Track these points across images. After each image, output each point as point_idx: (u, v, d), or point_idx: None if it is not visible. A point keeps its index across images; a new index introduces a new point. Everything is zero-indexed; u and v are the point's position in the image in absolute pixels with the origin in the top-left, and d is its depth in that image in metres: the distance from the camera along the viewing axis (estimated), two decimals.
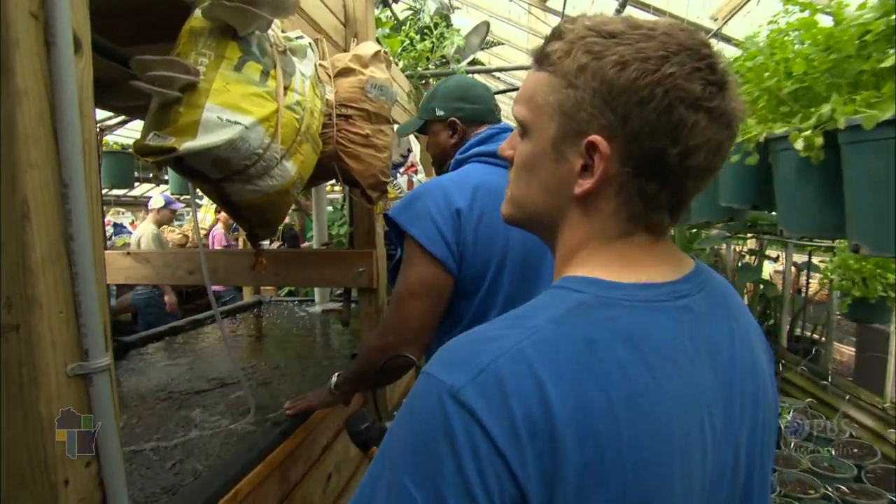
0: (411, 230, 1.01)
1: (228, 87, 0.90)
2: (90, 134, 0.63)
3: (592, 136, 0.44)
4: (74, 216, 0.59)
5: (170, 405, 1.48)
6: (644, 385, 0.41)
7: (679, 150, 0.43)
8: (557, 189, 0.48)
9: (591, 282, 0.45)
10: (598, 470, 0.39)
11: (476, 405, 0.38)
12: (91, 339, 0.61)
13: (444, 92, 1.21)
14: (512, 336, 0.41)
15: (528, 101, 0.49)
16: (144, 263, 2.07)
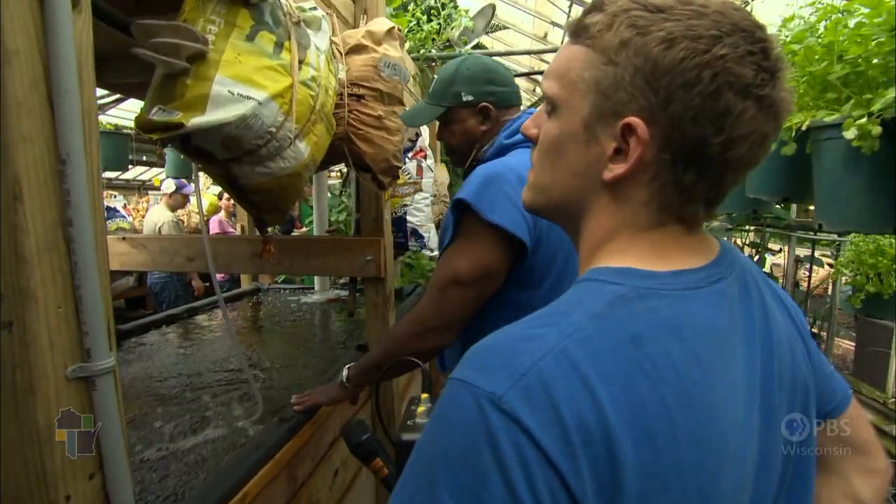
0: (492, 216, 0.91)
1: (240, 59, 0.82)
2: (90, 103, 0.55)
3: (630, 117, 0.41)
4: (73, 197, 0.52)
5: (171, 401, 1.41)
6: (694, 379, 0.40)
7: (722, 139, 0.40)
8: (585, 174, 0.45)
9: (625, 272, 0.43)
10: (659, 474, 0.37)
11: (521, 413, 0.35)
12: (93, 337, 0.54)
13: (467, 75, 1.10)
14: (551, 335, 0.39)
15: (560, 76, 0.46)
16: (141, 249, 1.98)
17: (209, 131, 0.79)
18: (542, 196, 0.50)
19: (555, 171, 0.47)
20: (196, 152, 0.87)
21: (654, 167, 0.42)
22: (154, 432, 1.24)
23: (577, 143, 0.45)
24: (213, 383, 1.54)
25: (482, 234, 0.94)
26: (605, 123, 0.43)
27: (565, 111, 0.45)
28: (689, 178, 0.42)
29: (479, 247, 0.94)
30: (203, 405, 1.39)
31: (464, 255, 0.95)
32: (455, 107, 1.11)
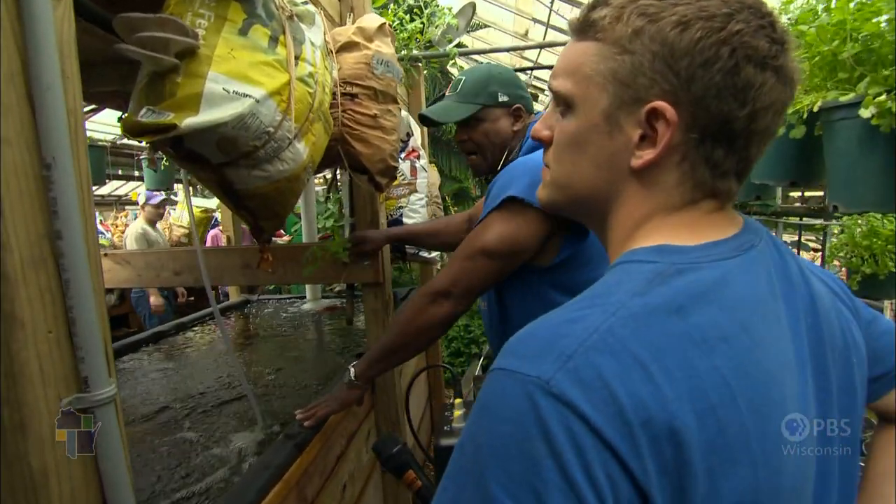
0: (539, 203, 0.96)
1: (234, 54, 0.76)
2: (76, 101, 0.49)
3: (655, 102, 0.42)
4: (61, 206, 0.45)
5: (165, 425, 1.34)
6: (745, 347, 0.39)
7: (747, 112, 0.41)
8: (610, 164, 0.46)
9: (660, 250, 0.43)
10: (724, 447, 0.36)
11: (573, 395, 0.34)
12: (90, 363, 0.48)
13: (501, 78, 1.14)
14: (594, 315, 0.38)
15: (572, 73, 0.46)
16: (124, 265, 1.89)
17: (204, 133, 0.73)
18: (563, 192, 0.50)
19: (576, 167, 0.47)
20: (189, 157, 0.80)
21: (682, 148, 0.43)
22: (150, 458, 1.16)
23: (600, 135, 0.45)
24: (209, 402, 1.46)
25: (520, 215, 0.95)
26: (627, 111, 0.43)
27: (583, 106, 0.46)
28: (718, 153, 0.43)
29: (515, 222, 0.96)
30: (201, 425, 1.31)
31: (495, 229, 0.97)
32: (490, 106, 1.13)
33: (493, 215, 0.99)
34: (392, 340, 1.07)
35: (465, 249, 1.00)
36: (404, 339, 1.05)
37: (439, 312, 1.01)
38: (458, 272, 0.99)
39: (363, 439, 1.72)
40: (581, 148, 0.47)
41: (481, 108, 1.12)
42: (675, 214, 0.45)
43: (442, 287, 1.00)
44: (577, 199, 0.49)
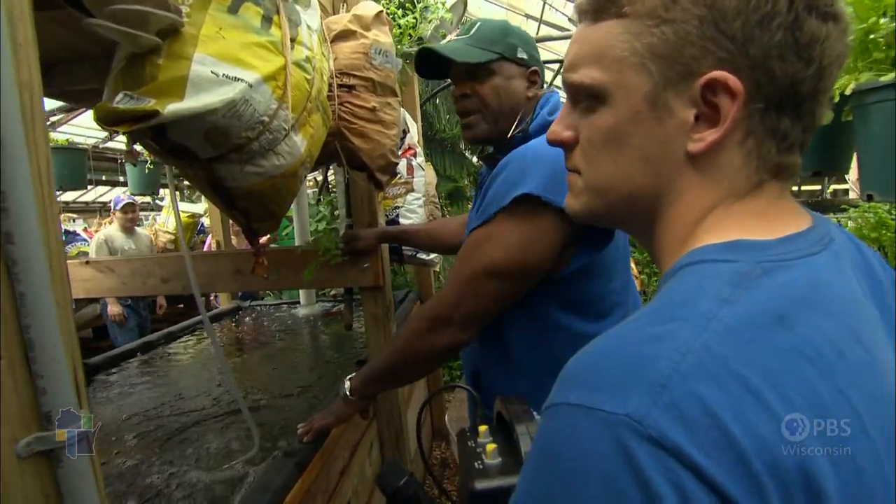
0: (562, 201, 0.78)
1: (223, 34, 0.67)
2: (32, 74, 0.40)
3: (712, 73, 0.36)
4: (12, 201, 0.37)
5: (155, 444, 1.24)
6: (863, 362, 0.33)
7: (814, 70, 0.36)
8: (661, 154, 0.40)
9: (735, 246, 0.37)
10: (864, 496, 0.29)
11: (677, 437, 0.27)
12: (54, 395, 0.39)
13: (521, 34, 0.96)
14: (683, 330, 0.31)
15: (596, 60, 0.41)
16: (108, 273, 1.78)
17: (190, 121, 0.64)
18: (604, 198, 0.44)
19: (618, 165, 0.42)
20: (173, 150, 0.72)
21: (745, 122, 0.37)
22: (137, 479, 1.06)
23: (645, 123, 0.40)
24: (201, 418, 1.37)
25: (534, 221, 0.78)
26: (676, 90, 0.38)
27: (618, 94, 0.40)
28: (784, 123, 0.38)
29: (523, 235, 0.79)
30: (192, 445, 1.22)
31: (504, 240, 0.80)
32: (508, 59, 0.93)
33: (501, 220, 0.81)
34: (389, 364, 0.95)
35: (466, 265, 0.83)
36: (401, 365, 0.93)
37: (439, 342, 0.86)
38: (459, 295, 0.83)
39: (366, 451, 1.63)
40: (623, 142, 0.41)
41: (498, 59, 0.92)
42: (741, 203, 0.40)
43: (442, 313, 0.85)
44: (620, 203, 0.43)
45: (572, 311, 0.87)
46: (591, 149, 0.43)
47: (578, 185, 0.45)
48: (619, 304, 0.91)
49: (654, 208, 0.42)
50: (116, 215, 3.65)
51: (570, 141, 0.44)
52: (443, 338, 0.85)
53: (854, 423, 0.30)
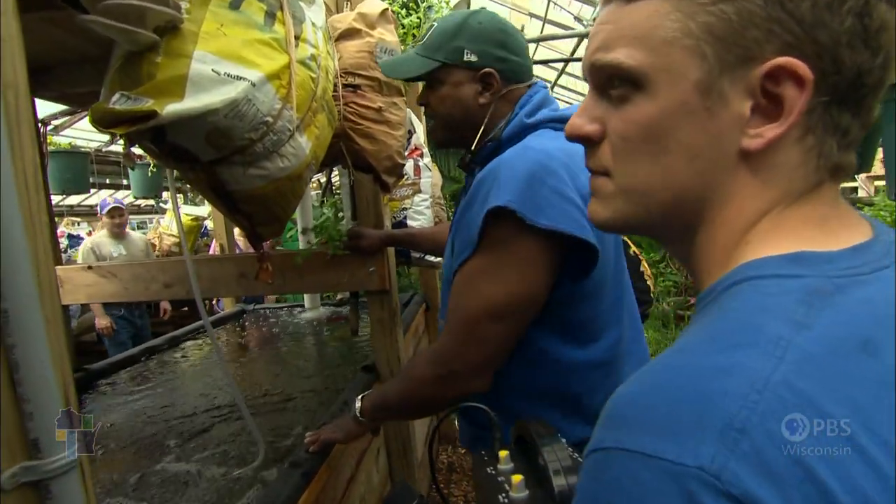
0: (541, 220, 0.69)
1: (224, 31, 0.64)
2: (17, 72, 0.37)
3: (779, 59, 0.32)
4: None
5: (157, 452, 1.21)
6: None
7: (881, 61, 0.33)
8: (710, 152, 0.35)
9: (799, 258, 0.33)
10: None
11: (764, 494, 0.23)
12: (41, 420, 0.36)
13: (477, 29, 0.84)
14: (754, 361, 0.27)
15: (638, 40, 0.35)
16: (110, 278, 1.76)
17: (191, 122, 0.61)
18: (640, 203, 0.38)
19: (659, 164, 0.37)
20: (173, 153, 0.69)
21: (807, 117, 0.33)
22: (139, 492, 1.03)
23: (694, 115, 0.35)
24: (205, 425, 1.34)
25: (523, 245, 0.71)
26: (733, 77, 0.33)
27: (661, 81, 0.35)
28: (845, 118, 0.34)
29: (519, 264, 0.72)
30: (195, 454, 1.19)
31: (498, 278, 0.73)
32: (451, 65, 0.84)
33: (489, 255, 0.74)
34: (398, 403, 0.89)
35: (464, 309, 0.75)
36: (411, 409, 0.88)
37: (450, 394, 0.79)
38: (463, 344, 0.75)
39: (373, 459, 1.60)
40: (666, 138, 0.36)
41: (440, 66, 0.84)
42: (796, 207, 0.35)
43: (448, 366, 0.77)
44: (659, 209, 0.38)
45: (559, 336, 0.81)
46: (624, 146, 0.38)
47: (607, 189, 0.40)
48: (611, 324, 0.83)
49: (696, 214, 0.37)
50: (103, 220, 3.49)
51: (595, 136, 0.39)
52: (453, 390, 0.78)
53: None
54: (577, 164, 0.75)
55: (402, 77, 0.89)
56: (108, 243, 3.45)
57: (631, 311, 0.91)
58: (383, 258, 1.56)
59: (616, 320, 0.84)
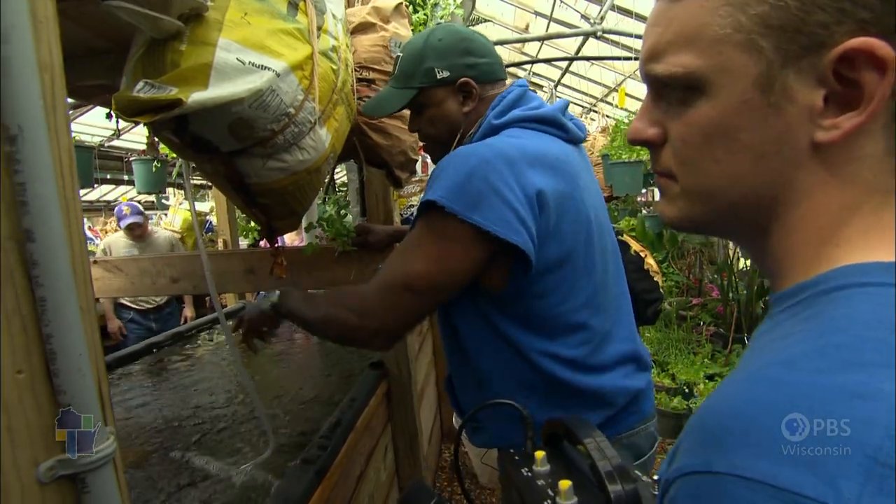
0: (475, 218, 0.72)
1: (248, 19, 0.63)
2: (53, 55, 0.36)
3: (853, 41, 0.29)
4: (32, 196, 0.32)
5: (164, 449, 1.20)
6: None
7: None
8: (778, 149, 0.33)
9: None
10: None
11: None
12: (79, 409, 0.35)
13: (440, 47, 0.87)
14: (887, 381, 0.24)
15: (689, 42, 0.34)
16: (117, 273, 1.75)
17: (214, 112, 0.60)
18: (707, 204, 0.37)
19: (722, 165, 0.35)
20: (194, 144, 0.67)
21: (889, 103, 0.30)
22: (149, 490, 1.02)
23: (757, 113, 0.33)
24: (213, 422, 1.33)
25: (452, 230, 0.75)
26: (798, 68, 0.31)
27: (721, 81, 0.34)
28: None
29: (443, 245, 0.76)
30: (205, 449, 1.18)
31: (423, 256, 0.77)
32: (429, 87, 0.88)
33: (421, 230, 0.79)
34: (310, 321, 0.87)
35: (387, 277, 0.79)
36: (318, 332, 0.89)
37: (355, 340, 0.84)
38: (377, 305, 0.79)
39: (381, 456, 1.59)
40: (729, 138, 0.34)
41: (419, 92, 0.88)
42: (889, 203, 0.33)
43: (360, 317, 0.80)
44: (727, 209, 0.37)
45: (523, 327, 0.83)
46: (687, 149, 0.36)
47: (673, 190, 0.39)
48: (588, 319, 0.84)
49: (768, 213, 0.35)
50: (120, 231, 3.34)
51: (655, 139, 0.38)
52: (358, 340, 0.84)
53: None
54: (536, 160, 0.78)
55: (387, 113, 0.92)
56: (123, 245, 3.28)
57: (619, 310, 0.92)
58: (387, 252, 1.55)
59: (594, 316, 0.84)
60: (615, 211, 4.50)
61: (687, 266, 4.30)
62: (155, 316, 3.38)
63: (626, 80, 4.39)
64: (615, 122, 3.43)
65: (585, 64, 4.53)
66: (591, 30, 3.15)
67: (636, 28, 2.98)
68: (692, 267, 4.29)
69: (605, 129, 3.63)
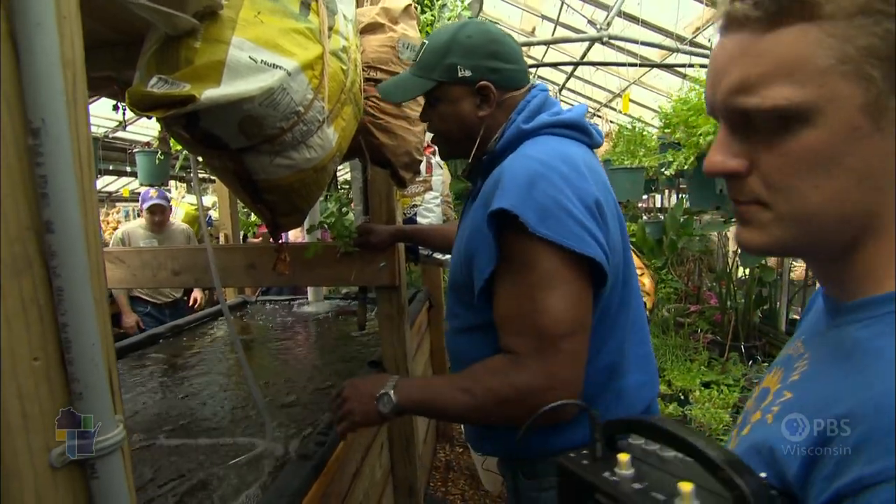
0: (542, 231, 0.69)
1: (261, 18, 0.64)
2: (75, 50, 0.37)
3: None
4: (53, 188, 0.33)
5: (158, 437, 1.20)
6: None
7: None
8: (882, 169, 0.35)
9: None
10: None
11: None
12: (90, 399, 0.36)
13: (467, 44, 0.84)
14: None
15: (787, 74, 0.34)
16: (118, 264, 1.75)
17: (225, 109, 0.61)
18: (804, 228, 0.38)
19: (823, 190, 0.36)
20: (204, 140, 0.68)
21: None
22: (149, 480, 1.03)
23: (865, 138, 0.34)
24: (213, 413, 1.33)
25: (547, 258, 0.71)
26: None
27: (827, 110, 0.34)
28: None
29: (556, 276, 0.71)
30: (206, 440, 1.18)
31: (550, 295, 0.72)
32: (447, 83, 0.85)
33: (519, 266, 0.73)
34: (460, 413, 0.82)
35: (541, 330, 0.72)
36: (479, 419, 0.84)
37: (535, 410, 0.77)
38: (552, 365, 0.73)
39: (376, 454, 1.60)
40: (834, 165, 0.35)
41: (437, 86, 0.85)
42: None
43: (547, 391, 0.73)
44: (825, 230, 0.37)
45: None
46: (784, 176, 0.37)
47: (763, 217, 0.39)
48: (616, 326, 0.83)
49: (863, 229, 0.37)
50: (143, 214, 3.33)
51: (741, 170, 0.38)
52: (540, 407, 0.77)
53: None
54: (582, 170, 0.76)
55: (401, 100, 0.90)
56: (141, 235, 3.27)
57: (637, 313, 0.91)
58: (394, 254, 1.56)
59: (621, 323, 0.84)
60: None
61: (686, 273, 4.31)
62: (171, 310, 3.36)
63: (630, 86, 4.41)
64: (618, 128, 3.44)
65: (590, 69, 4.54)
66: (598, 35, 3.17)
67: (642, 35, 3.00)
68: (691, 274, 4.31)
69: (607, 135, 3.65)
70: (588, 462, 0.40)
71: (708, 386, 3.01)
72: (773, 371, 0.47)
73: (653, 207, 5.03)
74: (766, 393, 0.44)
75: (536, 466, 0.89)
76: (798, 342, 0.46)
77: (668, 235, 4.07)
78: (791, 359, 0.44)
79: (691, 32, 3.29)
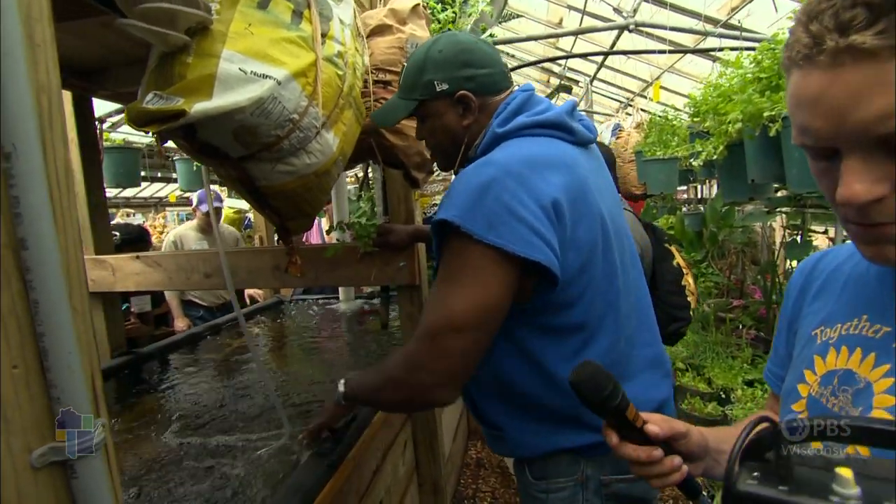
0: (490, 238, 0.70)
1: (252, 30, 0.66)
2: (50, 76, 0.39)
3: None
4: (26, 207, 0.35)
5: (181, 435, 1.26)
6: None
7: None
8: None
9: None
10: None
11: None
12: (68, 402, 0.38)
13: (439, 58, 0.86)
14: None
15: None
16: (156, 268, 1.85)
17: (218, 120, 0.63)
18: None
19: None
20: (204, 150, 0.71)
21: None
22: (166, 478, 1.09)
23: None
24: (235, 412, 1.39)
25: (479, 258, 0.72)
26: None
27: None
28: None
29: (476, 276, 0.72)
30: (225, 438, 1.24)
31: (458, 293, 0.73)
32: (429, 99, 0.88)
33: (450, 271, 0.75)
34: (373, 397, 0.89)
35: (428, 323, 0.75)
36: (382, 404, 0.93)
37: (416, 400, 0.84)
38: (426, 356, 0.75)
39: (399, 451, 1.62)
40: None
41: (420, 104, 0.89)
42: None
43: (415, 375, 0.77)
44: None
45: (545, 334, 0.81)
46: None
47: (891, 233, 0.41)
48: (606, 327, 0.82)
49: None
50: (198, 214, 3.44)
51: (887, 196, 0.39)
52: (420, 398, 0.80)
53: None
54: (547, 169, 0.75)
55: (391, 123, 0.94)
56: (194, 237, 3.36)
57: (639, 314, 0.89)
58: (413, 253, 1.57)
59: (608, 324, 0.82)
60: (654, 209, 4.35)
61: (728, 266, 4.12)
62: (222, 313, 3.41)
63: (662, 73, 4.24)
64: (650, 118, 3.31)
65: (621, 58, 4.40)
66: (625, 23, 3.06)
67: (671, 20, 2.87)
68: (733, 267, 4.11)
69: (639, 125, 3.52)
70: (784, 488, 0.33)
71: (751, 385, 2.87)
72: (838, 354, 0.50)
73: (692, 198, 4.83)
74: (851, 376, 0.47)
75: (545, 467, 0.88)
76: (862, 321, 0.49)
77: (708, 227, 3.90)
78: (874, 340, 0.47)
79: (725, 14, 3.12)
